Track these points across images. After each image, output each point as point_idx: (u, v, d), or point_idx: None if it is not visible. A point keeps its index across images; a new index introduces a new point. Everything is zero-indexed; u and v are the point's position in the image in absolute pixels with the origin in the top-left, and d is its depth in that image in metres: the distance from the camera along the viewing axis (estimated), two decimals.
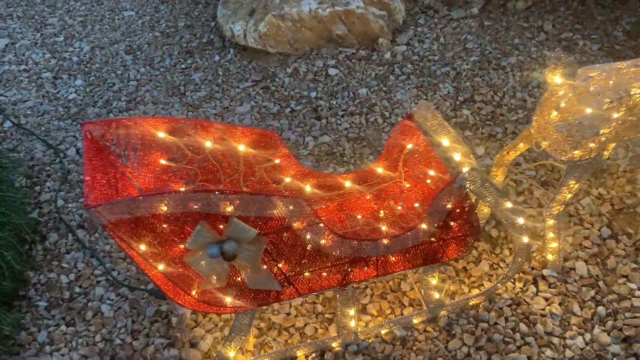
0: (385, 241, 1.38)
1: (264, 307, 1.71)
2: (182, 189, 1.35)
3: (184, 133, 1.34)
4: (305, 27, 2.73)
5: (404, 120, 1.53)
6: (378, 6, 2.77)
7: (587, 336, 1.59)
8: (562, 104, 1.42)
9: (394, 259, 1.44)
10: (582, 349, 1.55)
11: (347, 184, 1.56)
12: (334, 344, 1.59)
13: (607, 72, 1.41)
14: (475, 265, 1.80)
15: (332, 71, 2.68)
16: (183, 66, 2.87)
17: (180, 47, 3.02)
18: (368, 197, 1.58)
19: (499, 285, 1.68)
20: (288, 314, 1.71)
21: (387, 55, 2.74)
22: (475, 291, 1.71)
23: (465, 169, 1.31)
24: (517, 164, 2.09)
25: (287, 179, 1.51)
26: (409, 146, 1.54)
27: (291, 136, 2.34)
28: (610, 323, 1.61)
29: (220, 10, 2.93)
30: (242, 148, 1.38)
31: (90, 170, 1.14)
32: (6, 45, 3.23)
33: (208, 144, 1.34)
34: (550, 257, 1.72)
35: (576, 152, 1.44)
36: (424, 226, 1.37)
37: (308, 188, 1.52)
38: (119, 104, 2.65)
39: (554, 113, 1.43)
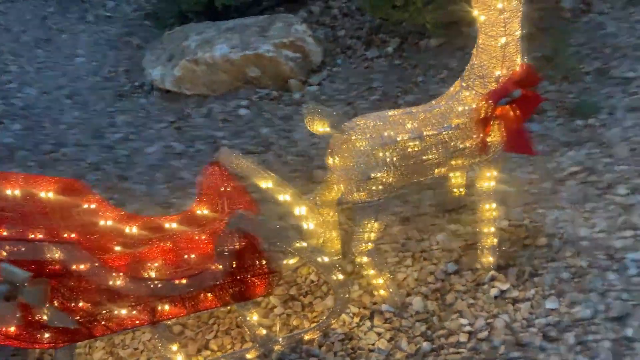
0: (184, 281, 1.47)
1: (116, 343, 1.81)
2: None
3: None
4: (220, 70, 2.88)
5: (211, 167, 1.64)
6: (291, 49, 2.91)
7: None
8: (339, 151, 1.51)
9: (202, 297, 1.53)
10: None
11: (168, 225, 1.67)
12: None
13: (373, 119, 1.49)
14: (321, 300, 1.86)
15: (242, 111, 2.82)
16: (111, 109, 3.05)
17: (114, 91, 3.21)
18: (169, 245, 1.69)
19: (331, 320, 1.74)
20: (135, 349, 1.80)
21: (297, 96, 2.86)
22: None
23: (238, 211, 1.40)
24: None
25: (109, 222, 1.63)
26: (227, 189, 1.65)
27: (186, 175, 2.46)
28: (431, 359, 1.65)
29: (147, 56, 3.12)
30: (50, 195, 1.52)
31: None
32: None
33: (10, 192, 1.48)
34: (382, 292, 1.78)
35: (358, 194, 1.51)
36: (216, 266, 1.46)
37: (129, 230, 1.64)
38: (45, 147, 2.83)
39: (336, 159, 1.51)
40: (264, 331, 1.68)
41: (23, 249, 1.28)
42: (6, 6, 4.75)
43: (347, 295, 1.69)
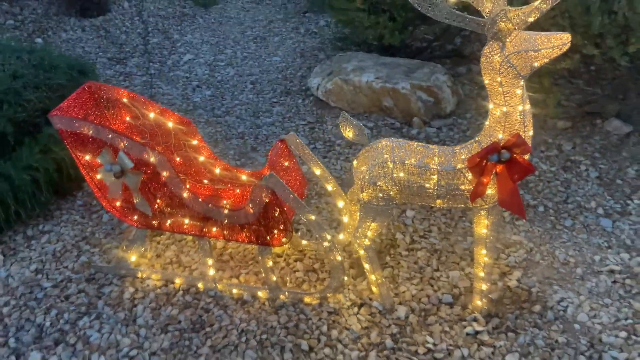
0: (225, 211, 2.03)
1: (183, 250, 2.45)
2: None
3: (141, 104, 2.20)
4: (362, 93, 3.42)
5: (279, 143, 2.17)
6: (426, 92, 3.32)
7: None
8: (360, 157, 1.93)
9: (235, 229, 2.07)
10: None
11: (241, 176, 2.25)
12: (199, 284, 2.25)
13: (394, 142, 1.87)
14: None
15: (366, 131, 3.29)
16: (274, 100, 3.78)
17: (284, 88, 3.94)
18: (237, 191, 2.25)
19: (326, 292, 2.15)
20: (193, 259, 2.41)
21: (415, 132, 3.26)
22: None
23: (272, 173, 1.90)
24: None
25: (201, 158, 2.27)
26: (286, 163, 2.17)
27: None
28: (386, 352, 1.96)
29: (316, 69, 3.79)
30: (170, 125, 2.20)
31: (71, 100, 2.06)
32: (189, 59, 4.57)
33: (152, 115, 2.18)
34: (374, 289, 2.13)
35: (363, 195, 1.90)
36: (248, 208, 1.99)
37: (217, 170, 2.26)
38: (217, 112, 3.66)
39: (356, 163, 1.93)
40: (274, 279, 2.16)
41: (134, 147, 1.95)
42: (251, 6, 5.93)
43: (343, 276, 2.08)
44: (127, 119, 2.24)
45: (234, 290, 2.23)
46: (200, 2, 5.99)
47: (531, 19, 1.54)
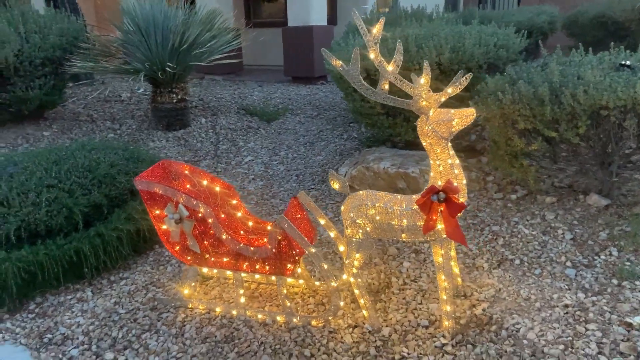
0: (251, 248, 2.76)
1: (224, 291, 3.15)
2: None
3: (196, 174, 3.04)
4: (380, 177, 4.16)
5: (293, 199, 2.90)
6: None
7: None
8: (345, 202, 2.61)
9: (259, 263, 2.78)
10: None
11: (267, 227, 2.99)
12: (233, 311, 2.93)
13: (368, 192, 2.55)
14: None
15: None
16: (312, 187, 4.58)
17: (321, 178, 4.75)
18: (265, 240, 2.97)
19: (328, 316, 2.75)
20: (230, 296, 3.10)
21: None
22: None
23: (282, 216, 2.62)
24: None
25: (239, 214, 3.04)
26: (298, 215, 2.90)
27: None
28: (369, 358, 2.52)
29: (346, 162, 4.60)
30: (217, 189, 3.01)
31: (149, 171, 2.93)
32: (250, 160, 5.54)
33: (205, 182, 3.01)
34: (364, 312, 2.72)
35: (347, 231, 2.57)
36: (267, 244, 2.70)
37: (250, 223, 3.03)
38: (266, 196, 4.50)
39: (342, 207, 2.62)
40: (288, 303, 2.80)
41: (189, 201, 2.76)
42: (306, 120, 6.97)
43: (339, 301, 2.70)
44: (188, 186, 3.09)
45: (259, 316, 2.88)
46: (264, 118, 7.13)
47: (443, 99, 2.27)
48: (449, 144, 2.36)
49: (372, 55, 2.33)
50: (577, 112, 3.10)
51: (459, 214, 2.39)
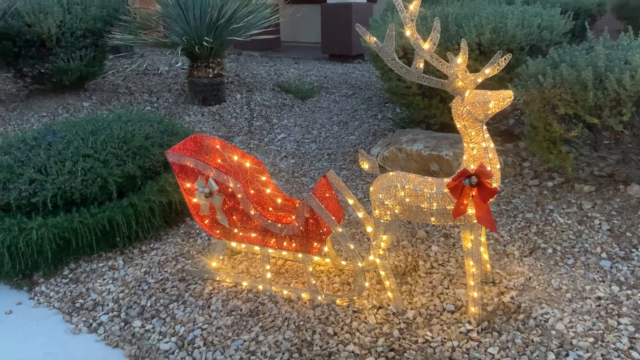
0: (279, 225, 2.76)
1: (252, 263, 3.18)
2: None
3: (227, 149, 3.05)
4: (412, 159, 4.10)
5: (322, 178, 2.88)
6: None
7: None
8: (374, 183, 2.57)
9: (286, 240, 2.79)
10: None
11: (296, 204, 2.98)
12: (260, 286, 2.95)
13: (398, 173, 2.51)
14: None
15: None
16: (343, 166, 4.55)
17: (353, 157, 4.72)
18: (293, 217, 2.96)
19: (353, 295, 2.75)
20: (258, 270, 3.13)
21: None
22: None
23: (310, 194, 2.61)
24: None
25: (268, 190, 3.04)
26: (327, 195, 2.88)
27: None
28: (392, 339, 2.51)
29: (379, 142, 4.54)
30: (247, 165, 3.01)
31: (181, 144, 2.95)
32: (282, 137, 5.54)
33: (235, 157, 3.02)
34: (389, 294, 2.70)
35: (375, 212, 2.54)
36: (294, 222, 2.70)
37: (278, 200, 3.02)
38: (297, 174, 4.49)
39: (371, 188, 2.59)
40: (313, 281, 2.80)
41: (219, 175, 2.77)
42: (341, 99, 6.90)
43: (364, 281, 2.69)
44: (219, 160, 3.10)
45: (285, 292, 2.90)
46: (299, 95, 7.11)
47: (480, 80, 2.20)
48: (484, 127, 2.30)
49: (408, 32, 2.27)
50: (622, 98, 2.98)
51: (491, 200, 2.33)
